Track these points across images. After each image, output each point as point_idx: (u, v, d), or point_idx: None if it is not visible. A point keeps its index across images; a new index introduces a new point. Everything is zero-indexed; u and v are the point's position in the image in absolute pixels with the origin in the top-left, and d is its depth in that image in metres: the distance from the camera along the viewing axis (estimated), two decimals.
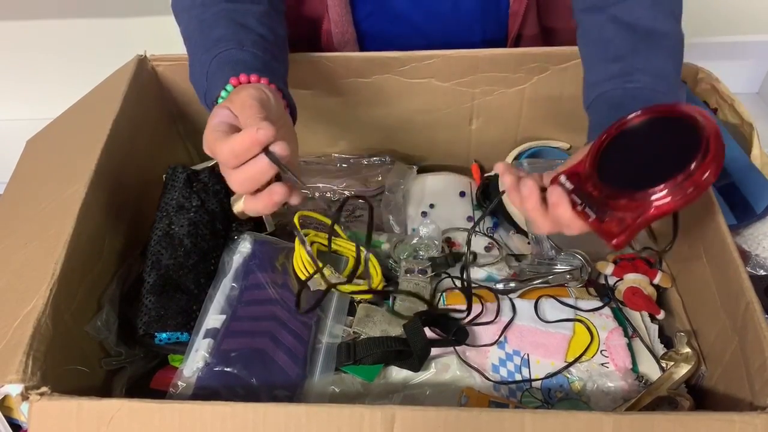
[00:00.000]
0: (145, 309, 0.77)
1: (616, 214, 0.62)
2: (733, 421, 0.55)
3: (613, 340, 0.77)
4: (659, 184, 0.58)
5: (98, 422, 0.57)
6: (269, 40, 0.78)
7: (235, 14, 0.78)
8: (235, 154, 0.61)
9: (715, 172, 0.57)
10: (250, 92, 0.67)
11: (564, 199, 0.63)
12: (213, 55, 0.74)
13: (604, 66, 0.75)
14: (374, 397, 0.75)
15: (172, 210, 0.84)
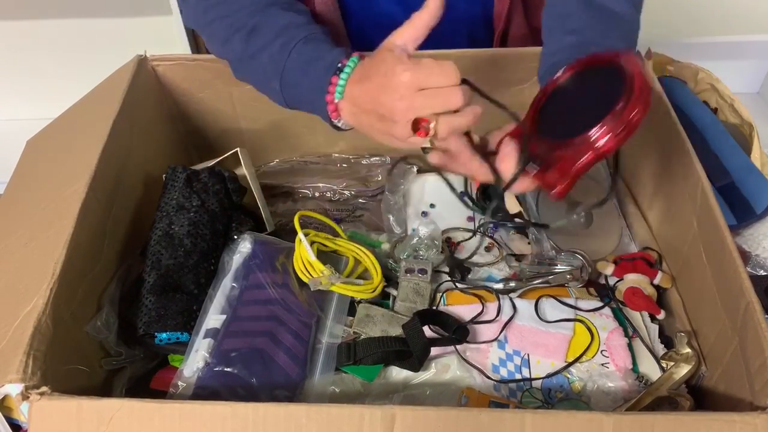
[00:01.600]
0: (145, 309, 0.77)
1: (556, 165, 0.65)
2: (734, 422, 0.55)
3: (613, 341, 0.77)
4: (590, 129, 0.61)
5: (98, 422, 0.57)
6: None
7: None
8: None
9: (643, 109, 0.60)
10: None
11: (509, 155, 0.68)
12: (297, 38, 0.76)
13: (560, 37, 0.78)
14: (374, 397, 0.75)
15: (172, 210, 0.84)
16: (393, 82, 0.65)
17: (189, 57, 0.96)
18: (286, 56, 0.76)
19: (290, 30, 0.77)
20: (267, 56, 0.77)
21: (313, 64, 0.74)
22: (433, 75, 0.65)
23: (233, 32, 0.80)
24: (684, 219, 0.78)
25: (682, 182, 0.78)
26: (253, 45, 0.78)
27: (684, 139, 0.78)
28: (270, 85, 0.79)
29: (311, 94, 0.74)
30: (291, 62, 0.76)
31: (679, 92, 1.01)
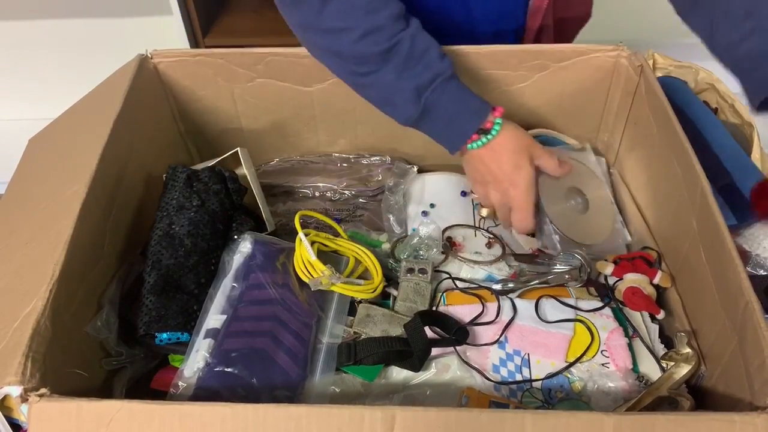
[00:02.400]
0: (146, 309, 0.77)
1: None
2: (734, 421, 0.55)
3: (613, 341, 0.77)
4: None
5: (98, 423, 0.56)
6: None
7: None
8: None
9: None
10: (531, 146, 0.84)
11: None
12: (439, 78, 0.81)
13: (734, 25, 0.75)
14: (374, 397, 0.75)
15: (172, 210, 0.84)
16: (505, 183, 0.83)
17: (191, 52, 0.96)
18: (430, 93, 0.80)
19: (433, 63, 0.80)
20: (407, 85, 0.81)
21: (460, 113, 0.82)
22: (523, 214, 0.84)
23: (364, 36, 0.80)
24: (684, 219, 0.78)
25: (681, 182, 0.78)
26: (391, 67, 0.80)
27: (684, 139, 0.78)
28: (395, 104, 0.84)
29: (449, 135, 0.84)
30: (437, 101, 0.81)
31: (680, 92, 1.01)
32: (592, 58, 0.93)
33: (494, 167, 0.82)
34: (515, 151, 0.81)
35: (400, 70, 0.79)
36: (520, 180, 0.81)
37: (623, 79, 0.94)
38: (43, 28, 1.77)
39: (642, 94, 0.90)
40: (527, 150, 0.82)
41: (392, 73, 0.80)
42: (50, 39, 1.79)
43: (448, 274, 0.88)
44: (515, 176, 0.82)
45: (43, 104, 1.77)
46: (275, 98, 0.99)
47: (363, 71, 0.82)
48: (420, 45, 0.80)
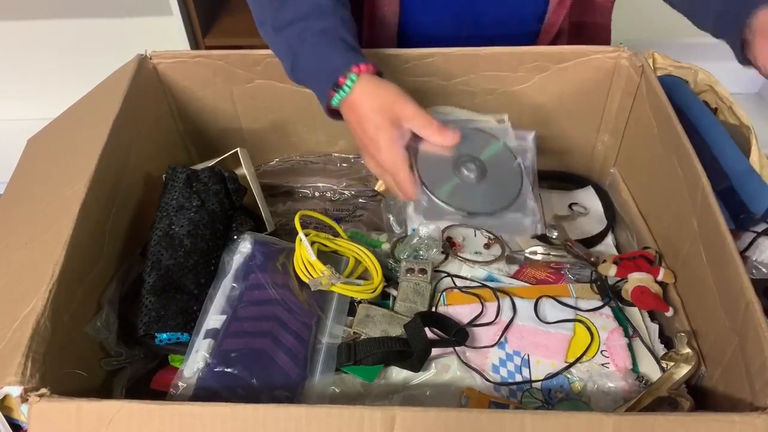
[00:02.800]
0: (146, 309, 0.77)
1: None
2: (734, 422, 0.55)
3: (613, 341, 0.77)
4: None
5: (98, 423, 0.56)
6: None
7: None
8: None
9: None
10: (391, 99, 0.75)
11: None
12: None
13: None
14: (374, 397, 0.75)
15: (172, 210, 0.84)
16: (371, 147, 0.76)
17: (190, 53, 0.96)
18: (300, 45, 0.79)
19: (311, 17, 0.80)
20: (284, 37, 0.81)
21: (320, 65, 0.78)
22: (396, 177, 0.76)
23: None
24: (684, 219, 0.78)
25: (682, 182, 0.78)
26: (275, 17, 0.82)
27: (685, 140, 0.78)
28: (282, 61, 0.84)
29: (316, 89, 0.80)
30: (302, 53, 0.79)
31: (680, 91, 1.01)
32: (593, 60, 0.93)
33: (357, 128, 0.77)
34: (374, 110, 0.75)
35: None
36: (380, 141, 0.74)
37: (624, 79, 0.94)
38: (43, 28, 1.77)
39: (643, 94, 0.90)
40: (390, 109, 0.75)
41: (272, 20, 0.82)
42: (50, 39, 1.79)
43: (447, 274, 0.88)
44: (376, 137, 0.75)
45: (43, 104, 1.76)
46: (275, 99, 0.99)
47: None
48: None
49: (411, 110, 0.75)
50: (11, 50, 1.81)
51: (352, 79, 0.75)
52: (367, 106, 0.75)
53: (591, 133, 1.04)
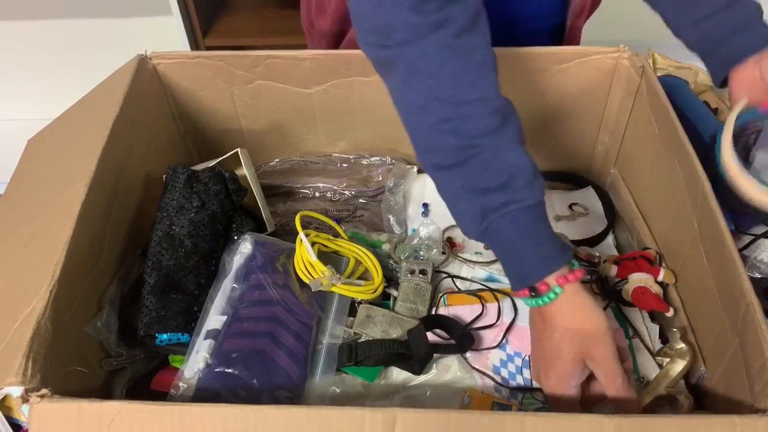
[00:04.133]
0: (146, 310, 0.77)
1: None
2: (734, 424, 0.54)
3: None
4: None
5: (98, 424, 0.56)
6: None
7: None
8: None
9: None
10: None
11: None
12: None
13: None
14: (375, 397, 0.75)
15: (172, 210, 0.84)
16: (554, 360, 0.67)
17: (190, 54, 0.96)
18: (499, 216, 0.66)
19: (515, 187, 0.66)
20: (479, 203, 0.67)
21: (522, 254, 0.67)
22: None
23: (449, 131, 0.66)
24: (685, 220, 0.78)
25: (683, 183, 0.78)
26: (468, 175, 0.67)
27: (685, 140, 0.78)
28: (467, 220, 0.69)
29: (510, 273, 0.70)
30: (500, 227, 0.66)
31: (680, 91, 1.01)
32: (593, 60, 0.93)
33: (539, 336, 0.69)
34: (565, 337, 0.66)
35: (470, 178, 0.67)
36: (552, 371, 0.67)
37: (624, 79, 0.94)
38: (43, 28, 1.77)
39: (643, 94, 0.90)
40: (582, 345, 0.65)
41: (462, 178, 0.67)
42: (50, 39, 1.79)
43: (447, 275, 0.88)
44: (552, 362, 0.67)
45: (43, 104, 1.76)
46: (275, 100, 0.99)
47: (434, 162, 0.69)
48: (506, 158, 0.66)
49: (603, 355, 0.65)
50: (11, 50, 1.81)
51: (555, 291, 0.65)
52: (563, 326, 0.66)
53: (591, 133, 1.04)
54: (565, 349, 0.65)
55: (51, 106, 1.00)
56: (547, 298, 0.65)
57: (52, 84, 1.76)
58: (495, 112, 0.66)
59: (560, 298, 0.65)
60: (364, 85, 0.95)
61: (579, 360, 0.65)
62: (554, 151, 1.07)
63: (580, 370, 0.66)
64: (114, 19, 1.77)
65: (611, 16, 1.08)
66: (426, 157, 0.70)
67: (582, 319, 0.66)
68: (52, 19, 1.75)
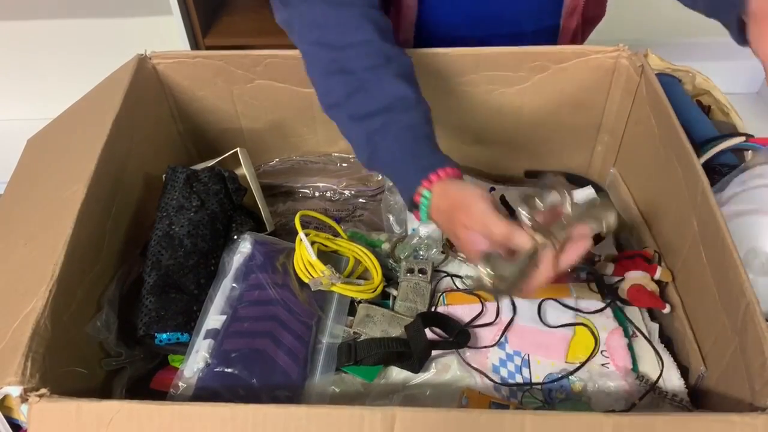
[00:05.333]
0: (146, 309, 0.77)
1: None
2: (734, 422, 0.54)
3: (613, 341, 0.77)
4: None
5: (98, 424, 0.56)
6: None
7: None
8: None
9: None
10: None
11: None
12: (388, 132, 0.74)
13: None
14: (374, 396, 0.75)
15: (172, 210, 0.84)
16: (471, 234, 0.68)
17: (190, 54, 0.96)
18: (383, 138, 0.74)
19: (395, 110, 0.75)
20: (364, 128, 0.76)
21: (406, 162, 0.73)
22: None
23: (336, 71, 0.78)
24: (684, 219, 0.78)
25: (682, 182, 0.78)
26: (353, 105, 0.77)
27: (684, 139, 0.78)
28: (357, 149, 0.78)
29: (400, 184, 0.75)
30: (385, 147, 0.74)
31: (672, 91, 1.01)
32: (592, 59, 0.93)
33: (451, 214, 0.70)
34: (450, 224, 0.70)
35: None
36: (480, 215, 0.67)
37: (624, 79, 0.94)
38: (43, 28, 1.77)
39: (643, 94, 0.90)
40: (456, 220, 0.69)
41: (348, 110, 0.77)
42: (50, 39, 1.79)
43: (447, 274, 0.88)
44: (460, 248, 0.71)
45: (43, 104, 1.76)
46: (274, 99, 0.99)
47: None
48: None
49: (479, 213, 0.67)
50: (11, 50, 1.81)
51: (425, 196, 0.71)
52: (441, 210, 0.70)
53: (590, 132, 1.04)
54: (455, 232, 0.69)
55: (51, 106, 1.00)
56: (424, 207, 0.71)
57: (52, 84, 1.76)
58: (378, 53, 0.77)
59: (433, 202, 0.70)
60: None
61: (466, 232, 0.68)
62: (554, 151, 1.07)
63: (473, 239, 0.68)
64: (114, 19, 1.77)
65: (611, 16, 1.08)
66: (323, 100, 0.80)
67: (453, 203, 0.69)
68: (52, 19, 1.75)
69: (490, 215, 0.66)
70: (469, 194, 0.69)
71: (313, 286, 0.80)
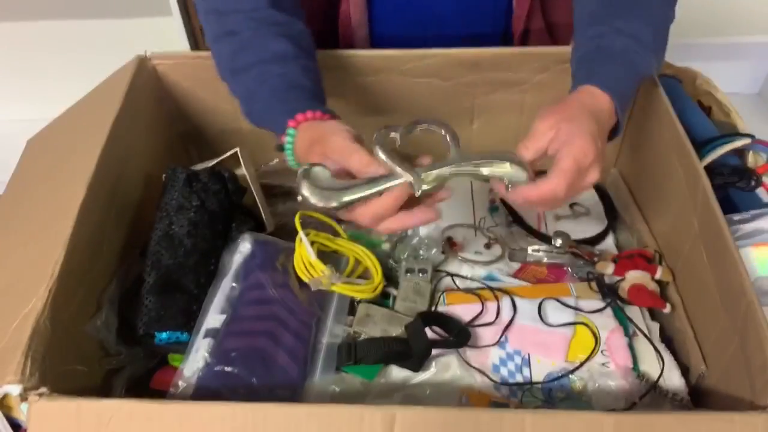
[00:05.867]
0: (145, 309, 0.77)
1: None
2: (734, 421, 0.54)
3: (613, 340, 0.77)
4: None
5: (97, 422, 0.56)
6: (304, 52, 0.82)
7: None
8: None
9: None
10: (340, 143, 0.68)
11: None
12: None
13: (586, 28, 0.80)
14: (374, 396, 0.75)
15: (172, 210, 0.84)
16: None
17: (190, 55, 0.96)
18: (257, 88, 0.79)
19: (271, 62, 0.79)
20: (243, 80, 0.81)
21: (273, 110, 0.77)
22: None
23: (224, 34, 0.82)
24: (685, 218, 0.78)
25: (683, 181, 0.78)
26: (236, 61, 0.81)
27: (685, 139, 0.78)
28: (241, 105, 0.83)
29: (271, 130, 0.78)
30: (259, 98, 0.79)
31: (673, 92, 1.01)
32: None
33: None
34: (305, 147, 0.72)
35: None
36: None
37: None
38: (43, 28, 1.77)
39: (643, 94, 0.90)
40: (319, 143, 0.70)
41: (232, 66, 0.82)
42: (50, 39, 1.79)
43: (447, 273, 0.88)
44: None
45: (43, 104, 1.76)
46: None
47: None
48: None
49: (337, 143, 0.68)
50: (11, 50, 1.81)
51: (290, 134, 0.73)
52: (302, 146, 0.72)
53: None
54: (312, 153, 0.70)
55: (51, 106, 1.00)
56: (289, 146, 0.73)
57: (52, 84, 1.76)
58: (264, 18, 0.80)
59: (297, 139, 0.72)
60: (364, 84, 0.95)
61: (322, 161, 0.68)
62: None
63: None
64: (114, 19, 1.77)
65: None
66: (218, 67, 0.84)
67: (313, 136, 0.70)
68: (52, 19, 1.75)
69: (348, 145, 0.67)
70: (329, 129, 0.70)
71: (313, 285, 0.80)
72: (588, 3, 0.82)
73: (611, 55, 0.76)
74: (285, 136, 0.73)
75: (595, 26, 0.79)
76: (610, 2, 0.79)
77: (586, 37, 0.79)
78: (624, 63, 0.76)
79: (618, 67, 0.75)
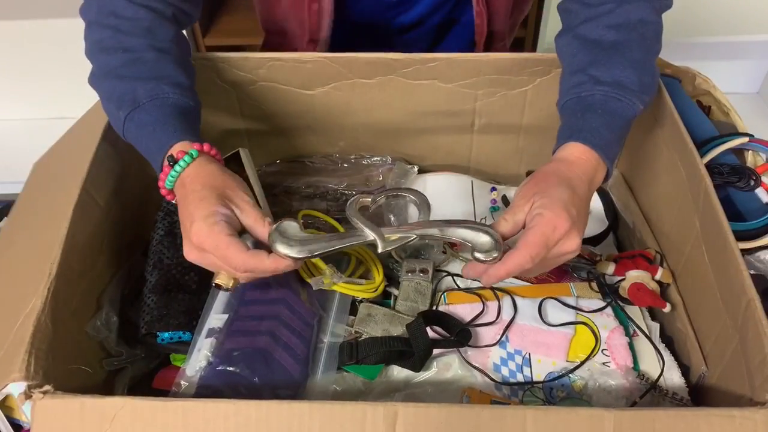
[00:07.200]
0: (148, 308, 0.77)
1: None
2: (733, 417, 0.55)
3: (614, 339, 0.77)
4: None
5: (101, 420, 0.57)
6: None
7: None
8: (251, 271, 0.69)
9: None
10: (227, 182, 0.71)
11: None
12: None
13: (568, 78, 0.80)
14: (376, 395, 0.75)
15: (173, 209, 0.84)
16: (188, 243, 0.70)
17: (191, 56, 0.96)
18: (149, 99, 0.76)
19: (168, 83, 0.78)
20: (132, 86, 0.76)
21: (169, 125, 0.75)
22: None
23: (118, 49, 0.78)
24: (686, 218, 0.78)
25: (685, 181, 0.78)
26: (125, 70, 0.77)
27: (687, 138, 0.78)
28: (116, 111, 0.77)
29: (155, 141, 0.75)
30: (151, 108, 0.76)
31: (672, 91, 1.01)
32: None
33: (181, 204, 0.72)
34: (204, 185, 0.71)
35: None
36: (198, 214, 0.68)
37: None
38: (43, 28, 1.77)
39: None
40: (221, 188, 0.71)
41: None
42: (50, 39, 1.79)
43: (448, 273, 0.88)
44: (196, 210, 0.69)
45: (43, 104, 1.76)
46: (277, 101, 0.99)
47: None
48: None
49: (245, 199, 0.70)
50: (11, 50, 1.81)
51: (192, 155, 0.71)
52: (192, 175, 0.71)
53: None
54: (206, 193, 0.69)
55: (51, 106, 1.00)
56: (183, 164, 0.71)
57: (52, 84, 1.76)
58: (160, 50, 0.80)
59: (193, 165, 0.71)
60: (365, 86, 0.95)
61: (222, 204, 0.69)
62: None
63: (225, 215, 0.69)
64: None
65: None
66: (97, 72, 0.80)
67: (221, 184, 0.71)
68: (52, 19, 1.75)
69: (251, 207, 0.70)
70: (236, 181, 0.72)
71: (314, 285, 0.80)
72: (569, 44, 0.83)
73: (590, 105, 0.76)
74: (183, 153, 0.71)
75: (576, 74, 0.79)
76: (591, 48, 0.79)
77: (569, 84, 0.79)
78: (605, 113, 0.75)
79: (599, 118, 0.75)
